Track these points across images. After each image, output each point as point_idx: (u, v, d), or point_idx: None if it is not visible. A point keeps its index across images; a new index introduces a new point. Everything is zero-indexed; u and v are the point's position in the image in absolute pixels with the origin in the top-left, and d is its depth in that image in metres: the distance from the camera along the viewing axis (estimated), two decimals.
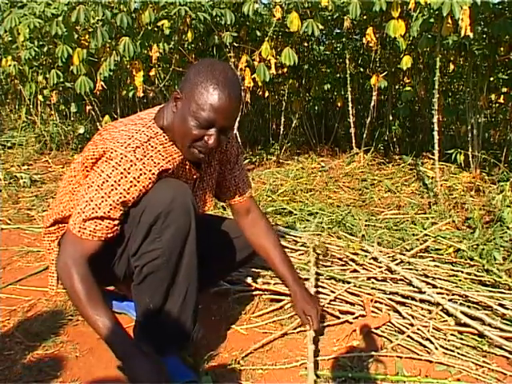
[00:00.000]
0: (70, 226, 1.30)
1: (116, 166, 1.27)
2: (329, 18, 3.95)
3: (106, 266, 1.41)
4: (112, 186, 1.26)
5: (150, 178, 1.30)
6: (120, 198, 1.27)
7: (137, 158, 1.28)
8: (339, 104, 4.30)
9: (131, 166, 1.27)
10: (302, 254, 2.10)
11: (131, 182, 1.27)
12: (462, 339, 1.59)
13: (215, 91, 1.26)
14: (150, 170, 1.30)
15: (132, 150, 1.28)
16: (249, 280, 1.93)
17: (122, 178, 1.26)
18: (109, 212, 1.27)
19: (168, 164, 1.34)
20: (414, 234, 2.38)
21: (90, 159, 1.33)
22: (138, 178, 1.28)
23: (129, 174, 1.27)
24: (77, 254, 1.28)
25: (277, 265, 1.63)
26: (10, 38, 3.99)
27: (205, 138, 1.31)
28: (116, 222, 1.30)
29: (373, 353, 1.54)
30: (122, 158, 1.27)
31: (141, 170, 1.28)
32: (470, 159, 3.33)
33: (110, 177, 1.26)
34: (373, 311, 1.73)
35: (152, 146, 1.32)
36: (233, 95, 1.28)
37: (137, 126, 1.34)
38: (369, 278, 1.90)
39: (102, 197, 1.26)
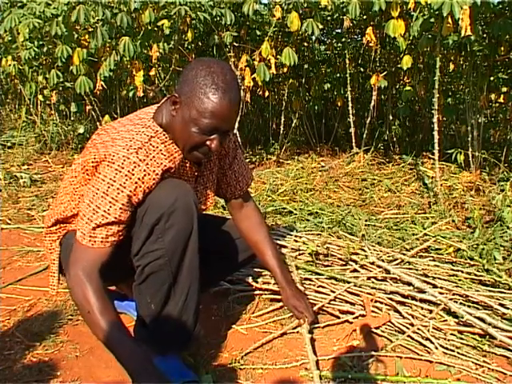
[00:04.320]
0: (79, 238, 1.28)
1: (119, 168, 1.26)
2: (329, 17, 3.96)
3: (107, 266, 1.40)
4: (118, 189, 1.25)
5: (153, 179, 1.30)
6: (128, 200, 1.27)
7: (140, 160, 1.28)
8: (339, 104, 4.30)
9: (135, 167, 1.27)
10: (302, 254, 2.09)
11: (136, 183, 1.27)
12: (461, 339, 1.59)
13: (215, 97, 1.25)
14: (154, 171, 1.30)
15: (134, 151, 1.28)
16: (249, 280, 1.93)
17: (127, 180, 1.26)
18: (120, 216, 1.26)
19: (170, 163, 1.35)
20: (413, 234, 2.38)
21: (91, 163, 1.32)
22: (143, 178, 1.28)
23: (133, 175, 1.26)
24: (88, 263, 1.26)
25: (266, 259, 1.65)
26: (9, 38, 4.00)
27: (207, 143, 1.31)
28: (125, 225, 1.29)
29: (373, 353, 1.54)
30: (124, 161, 1.26)
31: (145, 170, 1.28)
32: (470, 159, 3.33)
33: (114, 181, 1.25)
34: (373, 311, 1.73)
35: (153, 146, 1.32)
36: (233, 99, 1.27)
37: (136, 127, 1.34)
38: (369, 278, 1.90)
39: (110, 202, 1.25)
